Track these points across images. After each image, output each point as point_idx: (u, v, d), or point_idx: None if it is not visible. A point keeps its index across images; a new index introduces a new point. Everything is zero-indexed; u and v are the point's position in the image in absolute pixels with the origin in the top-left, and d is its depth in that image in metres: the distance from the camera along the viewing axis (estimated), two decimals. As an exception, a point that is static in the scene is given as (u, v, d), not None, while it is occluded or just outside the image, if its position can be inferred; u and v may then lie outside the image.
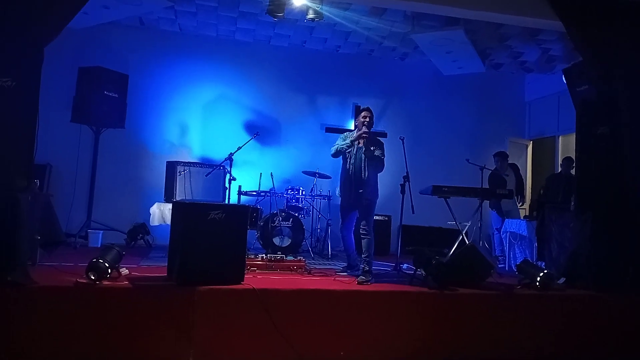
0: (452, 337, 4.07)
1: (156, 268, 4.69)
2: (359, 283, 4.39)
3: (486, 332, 4.14)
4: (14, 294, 3.43)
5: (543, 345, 4.22)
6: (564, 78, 6.19)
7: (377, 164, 4.93)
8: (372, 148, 4.91)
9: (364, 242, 4.82)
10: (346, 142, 4.99)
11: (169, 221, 5.77)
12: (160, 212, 6.46)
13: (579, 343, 4.29)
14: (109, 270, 3.74)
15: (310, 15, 5.76)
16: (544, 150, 9.00)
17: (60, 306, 3.47)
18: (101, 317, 3.52)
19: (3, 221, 3.55)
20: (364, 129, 4.94)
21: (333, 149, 5.08)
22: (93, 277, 3.63)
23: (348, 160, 4.98)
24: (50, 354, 3.41)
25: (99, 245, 6.30)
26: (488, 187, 6.72)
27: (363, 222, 4.87)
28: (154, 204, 6.61)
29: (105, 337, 3.50)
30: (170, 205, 5.89)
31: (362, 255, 4.80)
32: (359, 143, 4.96)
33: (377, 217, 7.42)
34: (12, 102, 3.76)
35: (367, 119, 5.00)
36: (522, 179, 7.45)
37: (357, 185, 4.90)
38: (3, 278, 3.46)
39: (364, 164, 4.90)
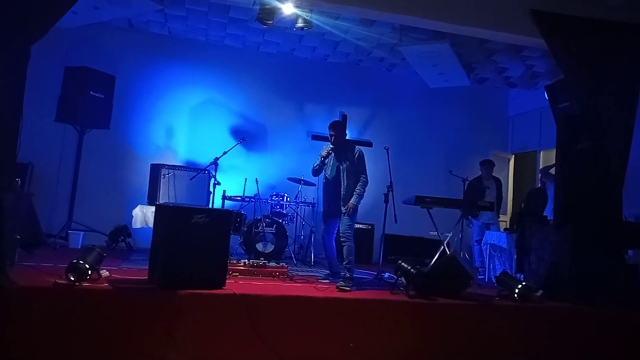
0: (431, 346, 4.11)
1: (137, 271, 4.66)
2: (338, 289, 4.43)
3: (464, 342, 4.18)
4: (-9, 294, 3.39)
5: (520, 356, 4.28)
6: (546, 94, 6.32)
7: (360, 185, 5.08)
8: (343, 156, 5.11)
9: (344, 248, 4.90)
10: (317, 162, 5.23)
11: (151, 224, 5.74)
12: (143, 215, 6.42)
13: (558, 354, 4.35)
14: (89, 271, 3.70)
15: (300, 24, 5.82)
16: (526, 164, 9.16)
17: (38, 307, 3.43)
18: (80, 319, 3.48)
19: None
20: (327, 150, 5.18)
21: (312, 170, 5.33)
22: (73, 278, 3.59)
23: (326, 170, 5.22)
24: (26, 353, 3.36)
25: (80, 247, 6.23)
26: (464, 194, 6.83)
27: (343, 229, 4.96)
28: (136, 206, 6.56)
29: (83, 339, 3.46)
30: (153, 208, 5.86)
31: (343, 262, 4.85)
32: (333, 154, 5.17)
33: (360, 226, 7.49)
34: (-4, 100, 3.74)
35: (332, 138, 5.18)
36: (502, 196, 7.53)
37: (335, 196, 5.07)
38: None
39: (342, 175, 5.08)
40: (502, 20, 5.38)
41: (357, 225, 7.39)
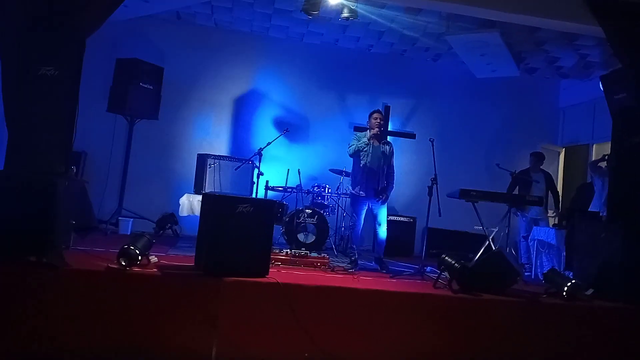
0: (474, 342, 4.04)
1: (183, 257, 4.79)
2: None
3: (509, 339, 4.08)
4: (48, 275, 3.56)
5: (567, 357, 4.15)
6: (601, 85, 6.04)
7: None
8: (384, 146, 5.47)
9: (379, 234, 5.38)
10: (361, 142, 5.42)
11: (197, 212, 5.89)
12: (190, 203, 6.58)
13: (606, 356, 4.20)
14: (139, 257, 3.83)
15: (345, 14, 5.77)
16: (577, 158, 8.80)
17: (91, 289, 3.59)
18: (130, 302, 3.62)
19: (41, 204, 3.69)
20: (376, 130, 5.45)
21: (351, 150, 5.49)
22: (124, 263, 3.73)
23: (364, 158, 5.40)
24: (78, 333, 3.52)
25: (129, 233, 6.47)
26: (508, 187, 6.72)
27: (381, 218, 5.35)
28: (183, 194, 6.74)
29: (132, 322, 3.60)
30: (199, 197, 6.02)
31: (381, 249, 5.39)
32: (373, 142, 5.41)
33: (401, 219, 7.45)
34: (54, 90, 3.91)
35: (378, 120, 5.51)
36: (556, 191, 7.25)
37: (374, 181, 5.36)
38: (39, 259, 3.60)
39: (380, 161, 5.36)
40: (555, 7, 5.15)
41: (398, 218, 7.46)
